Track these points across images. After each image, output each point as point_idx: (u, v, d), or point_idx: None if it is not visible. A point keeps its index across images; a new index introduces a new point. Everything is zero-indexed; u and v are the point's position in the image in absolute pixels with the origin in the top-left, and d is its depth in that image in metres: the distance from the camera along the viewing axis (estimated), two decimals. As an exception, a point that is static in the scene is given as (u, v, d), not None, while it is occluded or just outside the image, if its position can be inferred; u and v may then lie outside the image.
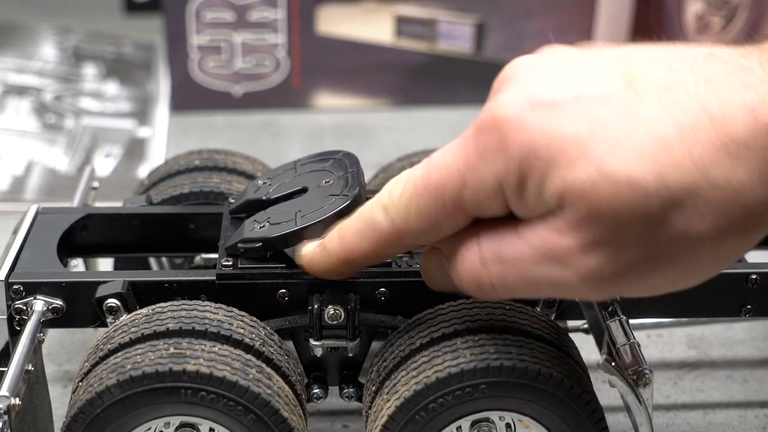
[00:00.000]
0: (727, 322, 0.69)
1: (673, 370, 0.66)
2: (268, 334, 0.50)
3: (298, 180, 0.56)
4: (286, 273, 0.52)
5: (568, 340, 0.51)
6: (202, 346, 0.48)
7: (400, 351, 0.49)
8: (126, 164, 0.91)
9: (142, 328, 0.49)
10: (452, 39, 1.00)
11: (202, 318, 0.49)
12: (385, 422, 0.48)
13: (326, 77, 1.01)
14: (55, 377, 0.64)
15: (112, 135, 0.95)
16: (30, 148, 0.92)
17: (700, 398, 0.64)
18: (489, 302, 0.50)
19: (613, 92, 0.40)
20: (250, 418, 0.47)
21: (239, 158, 0.66)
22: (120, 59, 1.09)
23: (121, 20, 1.15)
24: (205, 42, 0.98)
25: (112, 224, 0.60)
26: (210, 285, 0.53)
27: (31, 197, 0.85)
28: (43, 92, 1.01)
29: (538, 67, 0.43)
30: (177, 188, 0.63)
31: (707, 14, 0.93)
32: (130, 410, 0.47)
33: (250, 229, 0.53)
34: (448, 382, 0.47)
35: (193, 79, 0.99)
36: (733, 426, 0.61)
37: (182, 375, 0.46)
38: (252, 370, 0.48)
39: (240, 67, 0.99)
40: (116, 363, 0.48)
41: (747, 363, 0.67)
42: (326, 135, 0.97)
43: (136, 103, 1.01)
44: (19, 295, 0.52)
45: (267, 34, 0.99)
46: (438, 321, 0.50)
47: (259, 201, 0.56)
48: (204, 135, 0.96)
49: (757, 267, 0.54)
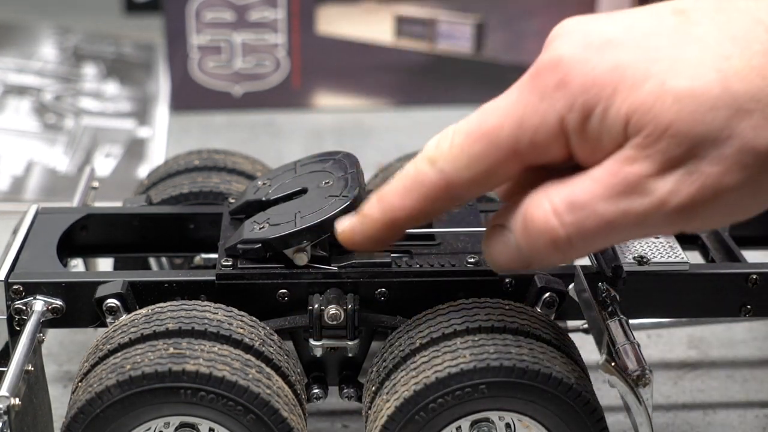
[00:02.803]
0: (727, 322, 0.69)
1: (673, 370, 0.66)
2: (268, 334, 0.50)
3: (298, 181, 0.56)
4: (285, 273, 0.52)
5: (568, 340, 0.51)
6: (202, 346, 0.48)
7: (400, 351, 0.49)
8: (126, 164, 0.91)
9: (141, 328, 0.49)
10: (452, 39, 1.00)
11: (202, 318, 0.49)
12: (385, 422, 0.48)
13: (326, 77, 1.01)
14: (55, 377, 0.64)
15: (112, 135, 0.95)
16: (30, 148, 0.92)
17: (700, 398, 0.64)
18: (489, 302, 0.50)
19: (664, 22, 0.41)
20: (249, 418, 0.47)
21: (239, 158, 0.66)
22: (120, 59, 1.09)
23: (121, 20, 1.15)
24: (205, 42, 0.98)
25: (111, 224, 0.60)
26: (210, 285, 0.53)
27: (31, 197, 0.85)
28: (43, 92, 1.01)
29: (587, 19, 0.43)
30: (176, 188, 0.63)
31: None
32: (129, 410, 0.47)
33: (249, 230, 0.53)
34: (447, 382, 0.47)
35: (193, 79, 0.99)
36: (733, 426, 0.61)
37: (181, 375, 0.46)
38: (251, 370, 0.48)
39: (240, 67, 0.99)
40: (116, 363, 0.48)
41: (747, 363, 0.67)
42: (326, 135, 0.97)
43: (136, 103, 1.01)
44: (18, 295, 0.52)
45: (267, 34, 0.99)
46: (438, 321, 0.49)
47: (259, 202, 0.56)
48: (204, 135, 0.96)
49: (757, 267, 0.54)
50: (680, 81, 0.39)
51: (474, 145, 0.43)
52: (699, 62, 0.39)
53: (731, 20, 0.40)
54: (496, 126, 0.43)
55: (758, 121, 0.39)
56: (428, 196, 0.45)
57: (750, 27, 0.40)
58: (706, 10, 0.41)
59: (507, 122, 0.42)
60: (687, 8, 0.41)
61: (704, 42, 0.40)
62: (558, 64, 0.42)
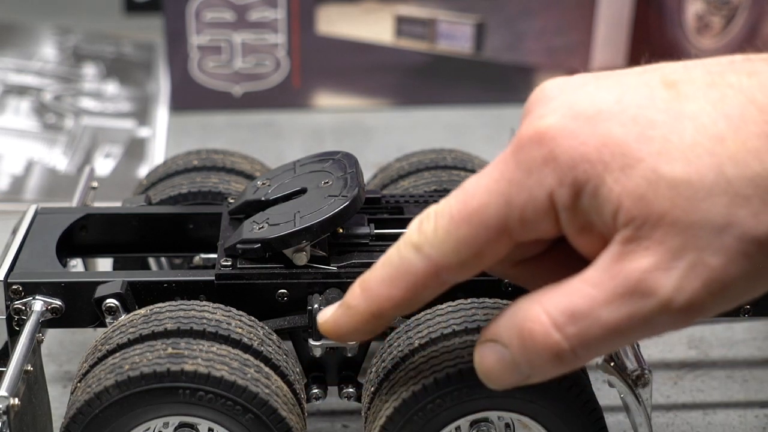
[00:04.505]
0: (727, 322, 0.68)
1: (673, 370, 0.66)
2: (267, 334, 0.50)
3: (297, 181, 0.56)
4: (285, 273, 0.52)
5: (567, 341, 0.51)
6: (200, 346, 0.48)
7: (399, 352, 0.49)
8: (126, 164, 0.91)
9: (140, 328, 0.49)
10: (452, 39, 1.00)
11: (200, 318, 0.49)
12: (384, 423, 0.48)
13: (326, 77, 1.01)
14: (55, 377, 0.64)
15: (112, 135, 0.95)
16: (30, 148, 0.92)
17: (700, 398, 0.63)
18: (487, 302, 0.50)
19: (656, 95, 0.39)
20: (248, 418, 0.47)
21: (237, 158, 0.66)
22: (120, 59, 1.09)
23: (121, 20, 1.15)
24: (205, 42, 0.98)
25: (111, 224, 0.60)
26: (209, 285, 0.53)
27: (30, 197, 0.85)
28: (43, 92, 1.01)
29: (571, 84, 0.41)
30: (176, 188, 0.63)
31: (707, 14, 0.93)
32: (128, 411, 0.47)
33: (249, 230, 0.53)
34: (446, 382, 0.47)
35: (193, 79, 0.99)
36: (733, 426, 0.61)
37: (180, 375, 0.46)
38: (250, 370, 0.48)
39: (240, 67, 0.99)
40: (114, 364, 0.47)
41: (747, 363, 0.67)
42: (326, 135, 0.97)
43: (136, 103, 1.01)
44: (18, 295, 0.52)
45: (267, 34, 0.99)
46: (436, 322, 0.49)
47: (258, 202, 0.56)
48: (204, 135, 0.96)
49: (756, 267, 0.54)
50: (674, 167, 0.37)
51: (460, 228, 0.41)
52: (693, 145, 0.37)
53: (725, 97, 0.38)
54: (482, 205, 0.40)
55: (757, 207, 0.37)
56: (416, 284, 0.42)
57: (744, 106, 0.38)
58: (698, 84, 0.39)
59: (493, 200, 0.40)
60: (678, 80, 0.39)
61: (698, 121, 0.38)
62: (544, 137, 0.39)
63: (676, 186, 0.37)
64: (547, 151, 0.39)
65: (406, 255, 0.42)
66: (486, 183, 0.41)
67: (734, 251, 0.37)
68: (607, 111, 0.39)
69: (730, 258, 0.37)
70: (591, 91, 0.40)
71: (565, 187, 0.39)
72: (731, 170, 0.37)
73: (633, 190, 0.38)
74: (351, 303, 0.44)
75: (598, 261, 0.39)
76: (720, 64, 0.40)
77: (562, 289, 0.39)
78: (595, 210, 0.39)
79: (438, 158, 0.66)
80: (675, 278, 0.38)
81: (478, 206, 0.40)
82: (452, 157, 0.66)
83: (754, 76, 0.38)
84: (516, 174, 0.40)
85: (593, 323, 0.39)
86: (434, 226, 0.42)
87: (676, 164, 0.37)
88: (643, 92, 0.39)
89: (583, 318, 0.39)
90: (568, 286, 0.39)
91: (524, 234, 0.41)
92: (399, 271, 0.42)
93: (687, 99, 0.38)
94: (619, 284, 0.38)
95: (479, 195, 0.41)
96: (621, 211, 0.38)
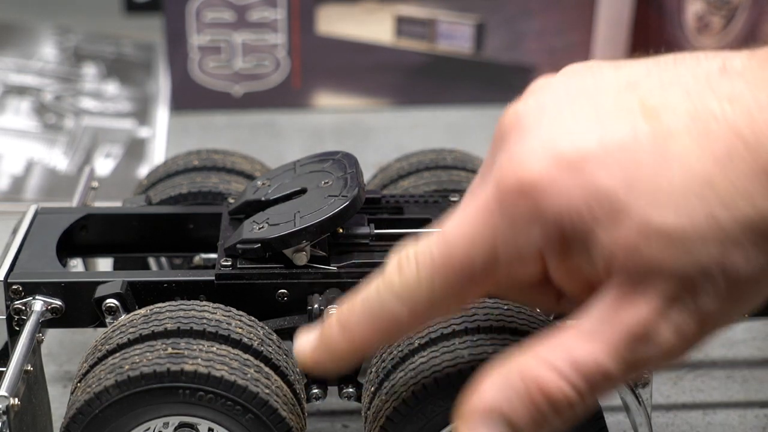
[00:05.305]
0: (726, 322, 0.68)
1: (673, 370, 0.66)
2: (267, 334, 0.50)
3: (297, 181, 0.56)
4: (285, 273, 0.52)
5: (567, 341, 0.51)
6: (200, 345, 0.48)
7: (399, 352, 0.49)
8: (126, 164, 0.91)
9: (140, 328, 0.49)
10: (452, 39, 1.00)
11: (200, 318, 0.49)
12: (384, 423, 0.48)
13: (326, 77, 1.01)
14: (55, 377, 0.64)
15: (112, 135, 0.95)
16: (30, 148, 0.92)
17: (700, 398, 0.63)
18: (487, 303, 0.50)
19: (638, 131, 0.38)
20: (248, 418, 0.47)
21: (237, 158, 0.66)
22: (120, 59, 1.09)
23: (121, 20, 1.15)
24: (205, 42, 0.98)
25: (111, 224, 0.60)
26: (209, 285, 0.53)
27: (30, 197, 0.85)
28: (43, 92, 1.01)
29: (546, 110, 0.40)
30: (176, 188, 0.63)
31: (707, 14, 0.93)
32: (128, 411, 0.47)
33: (249, 230, 0.53)
34: (446, 382, 0.47)
35: (193, 79, 0.99)
36: (733, 426, 0.61)
37: (180, 375, 0.46)
38: (250, 370, 0.48)
39: (240, 67, 0.99)
40: (114, 363, 0.48)
41: (747, 363, 0.67)
42: (326, 135, 0.97)
43: (136, 103, 1.01)
44: (18, 295, 0.52)
45: (267, 34, 0.99)
46: (436, 321, 0.49)
47: (258, 202, 0.56)
48: (204, 135, 0.96)
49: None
50: (665, 216, 0.36)
51: (444, 276, 0.40)
52: (682, 189, 0.36)
53: (709, 133, 0.37)
54: (466, 257, 0.40)
55: (749, 250, 0.36)
56: (398, 328, 0.42)
57: (730, 142, 0.36)
58: (679, 114, 0.37)
59: (478, 253, 0.39)
60: (657, 106, 0.38)
61: (685, 162, 0.37)
62: (529, 190, 0.38)
63: (668, 236, 0.37)
64: (533, 204, 0.38)
65: (388, 301, 0.41)
66: (470, 232, 0.40)
67: (729, 295, 0.37)
68: (592, 156, 0.38)
69: (723, 301, 0.37)
70: (569, 125, 0.39)
71: (554, 242, 0.38)
72: (722, 214, 0.36)
73: (625, 242, 0.37)
74: (330, 341, 0.43)
75: (594, 311, 0.39)
76: (697, 79, 0.38)
77: (558, 340, 0.39)
78: (586, 260, 0.38)
79: (438, 158, 0.66)
80: (673, 325, 0.38)
81: (462, 256, 0.40)
82: (452, 158, 0.66)
83: (736, 102, 0.37)
84: (501, 225, 0.39)
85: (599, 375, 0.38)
86: (416, 272, 0.41)
87: (667, 213, 0.37)
88: (624, 127, 0.38)
89: (587, 369, 0.38)
90: (566, 339, 0.39)
91: (510, 279, 0.40)
92: (380, 317, 0.42)
93: (671, 136, 0.37)
94: (620, 335, 0.38)
95: (463, 244, 0.40)
96: (614, 263, 0.38)
